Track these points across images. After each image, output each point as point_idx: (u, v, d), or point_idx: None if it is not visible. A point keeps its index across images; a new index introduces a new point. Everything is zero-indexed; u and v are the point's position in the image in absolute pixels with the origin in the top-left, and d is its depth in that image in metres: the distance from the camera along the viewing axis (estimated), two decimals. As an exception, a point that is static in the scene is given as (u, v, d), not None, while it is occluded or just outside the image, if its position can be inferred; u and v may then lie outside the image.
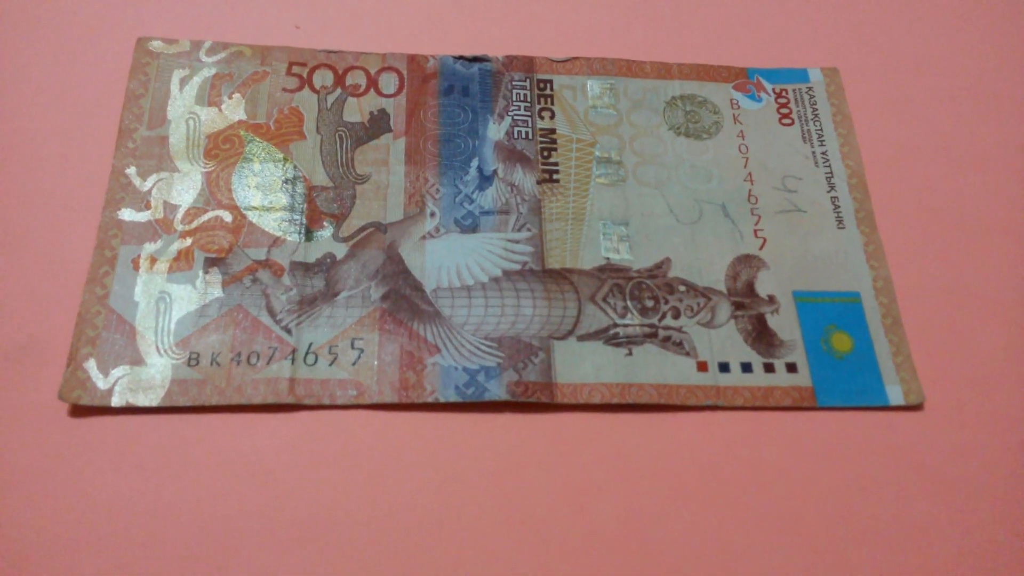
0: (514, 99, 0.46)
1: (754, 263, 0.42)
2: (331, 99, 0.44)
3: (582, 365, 0.39)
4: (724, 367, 0.39)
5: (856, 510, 0.37)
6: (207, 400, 0.36)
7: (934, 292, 0.42)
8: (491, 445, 0.37)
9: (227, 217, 0.41)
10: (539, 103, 0.46)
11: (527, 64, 0.47)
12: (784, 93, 0.47)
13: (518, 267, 0.41)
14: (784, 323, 0.41)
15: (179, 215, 0.40)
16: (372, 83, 0.45)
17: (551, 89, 0.46)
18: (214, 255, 0.40)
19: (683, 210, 0.43)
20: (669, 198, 0.44)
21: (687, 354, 0.39)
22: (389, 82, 0.45)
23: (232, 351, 0.37)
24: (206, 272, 0.39)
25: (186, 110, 0.43)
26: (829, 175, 0.45)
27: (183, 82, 0.44)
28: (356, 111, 0.44)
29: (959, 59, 0.50)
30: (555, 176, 0.44)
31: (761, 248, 0.43)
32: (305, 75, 0.45)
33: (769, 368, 0.39)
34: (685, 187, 0.44)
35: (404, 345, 0.38)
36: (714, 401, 0.38)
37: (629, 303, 0.40)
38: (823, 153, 0.46)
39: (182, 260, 0.39)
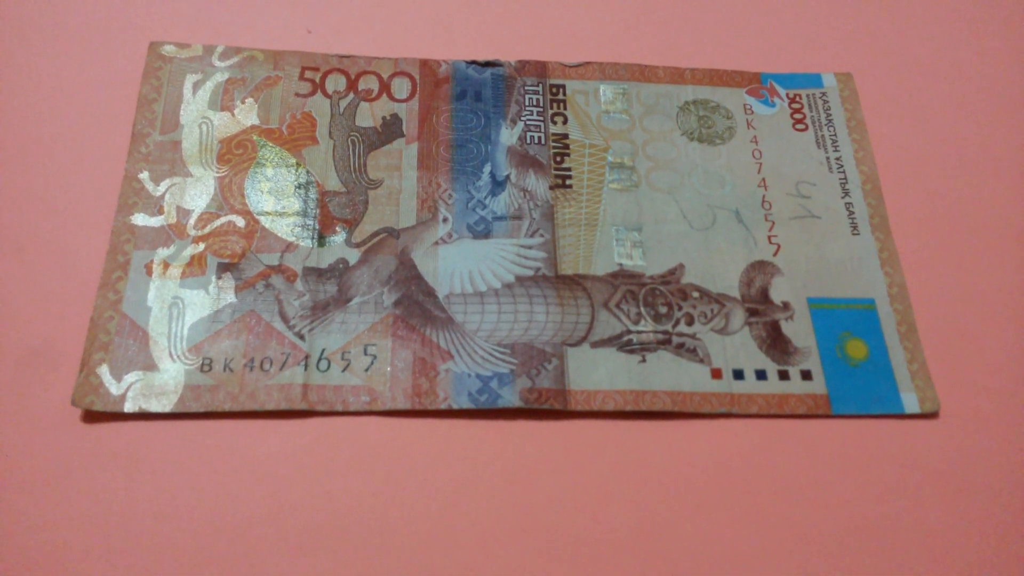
0: (527, 104, 0.45)
1: (768, 269, 0.42)
2: (344, 104, 0.44)
3: (595, 372, 0.38)
4: (738, 374, 0.39)
5: (871, 518, 0.37)
6: (220, 406, 0.36)
7: (949, 299, 0.42)
8: (504, 452, 0.37)
9: (240, 222, 0.41)
10: (552, 108, 0.45)
11: (540, 69, 0.46)
12: (798, 98, 0.47)
13: (531, 273, 0.41)
14: (799, 330, 0.40)
15: (192, 220, 0.40)
16: (385, 88, 0.45)
17: (564, 94, 0.46)
18: (227, 260, 0.40)
19: (696, 216, 0.43)
20: (682, 204, 0.43)
21: (701, 361, 0.39)
22: (401, 87, 0.45)
23: (245, 357, 0.37)
24: (219, 277, 0.39)
25: (199, 115, 0.43)
26: (843, 181, 0.45)
27: (196, 86, 0.44)
28: (368, 116, 0.44)
29: (973, 64, 0.50)
30: (568, 181, 0.43)
31: (775, 254, 0.42)
32: (318, 80, 0.45)
33: (784, 375, 0.39)
34: (698, 193, 0.44)
35: (417, 351, 0.38)
36: (728, 408, 0.38)
37: (643, 309, 0.40)
38: (837, 159, 0.45)
39: (195, 265, 0.39)
